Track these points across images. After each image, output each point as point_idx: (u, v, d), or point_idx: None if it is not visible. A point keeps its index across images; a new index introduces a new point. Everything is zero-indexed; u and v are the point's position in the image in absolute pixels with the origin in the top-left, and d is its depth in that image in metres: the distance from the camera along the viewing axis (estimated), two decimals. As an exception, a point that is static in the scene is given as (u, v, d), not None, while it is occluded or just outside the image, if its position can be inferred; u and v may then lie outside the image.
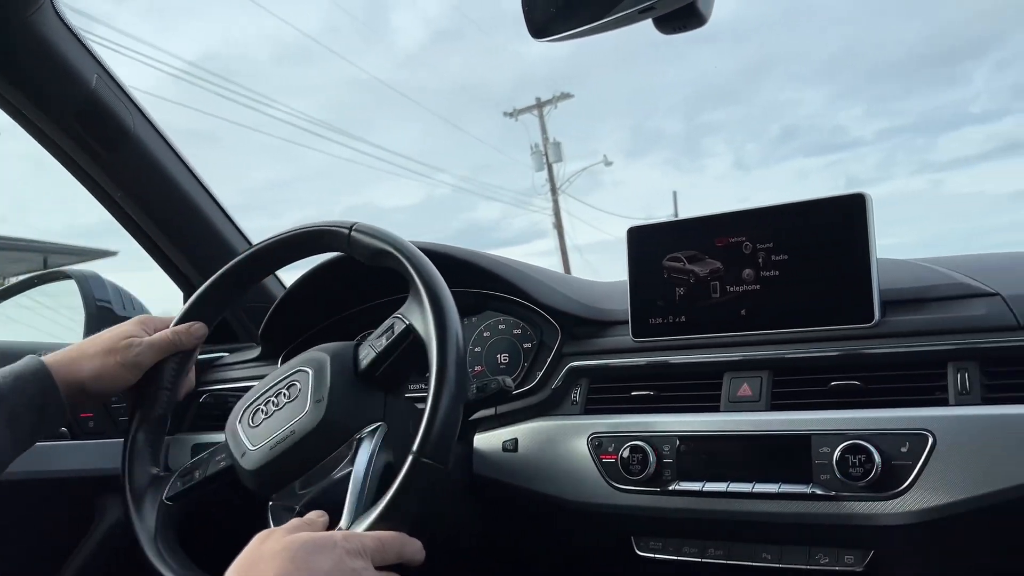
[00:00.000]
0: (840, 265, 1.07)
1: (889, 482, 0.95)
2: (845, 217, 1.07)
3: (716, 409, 1.11)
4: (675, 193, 25.32)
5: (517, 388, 1.29)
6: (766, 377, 1.09)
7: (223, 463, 1.09)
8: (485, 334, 1.41)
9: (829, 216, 1.08)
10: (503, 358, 1.38)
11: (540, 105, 21.60)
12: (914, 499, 0.94)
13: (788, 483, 1.01)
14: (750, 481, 1.03)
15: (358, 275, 1.27)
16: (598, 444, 1.15)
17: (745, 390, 1.10)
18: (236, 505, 1.09)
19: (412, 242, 1.09)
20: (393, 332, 1.02)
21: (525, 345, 1.36)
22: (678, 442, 1.09)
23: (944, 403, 0.97)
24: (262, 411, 1.04)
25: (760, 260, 1.13)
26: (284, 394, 1.03)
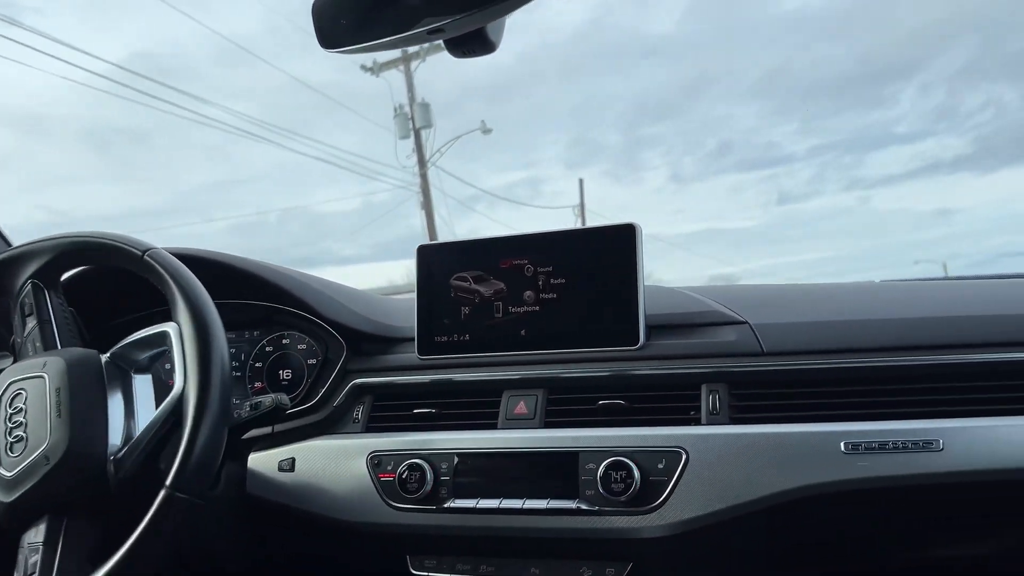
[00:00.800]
0: (611, 290, 1.13)
1: (647, 497, 1.01)
2: (617, 246, 1.13)
3: (494, 427, 1.13)
4: (581, 181, 23.10)
5: (299, 405, 1.26)
6: (541, 395, 1.13)
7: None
8: (268, 349, 1.36)
9: (603, 244, 1.14)
10: (286, 374, 1.34)
11: (407, 59, 19.02)
12: (669, 512, 1.00)
13: (556, 499, 1.04)
14: (522, 497, 1.06)
15: (125, 282, 1.19)
16: (377, 462, 1.14)
17: (521, 408, 1.13)
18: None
19: (191, 249, 1.05)
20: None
21: (310, 361, 1.32)
22: (456, 459, 1.10)
23: (697, 422, 1.05)
24: (18, 436, 0.95)
25: (540, 283, 1.17)
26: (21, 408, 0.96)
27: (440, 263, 1.23)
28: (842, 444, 0.97)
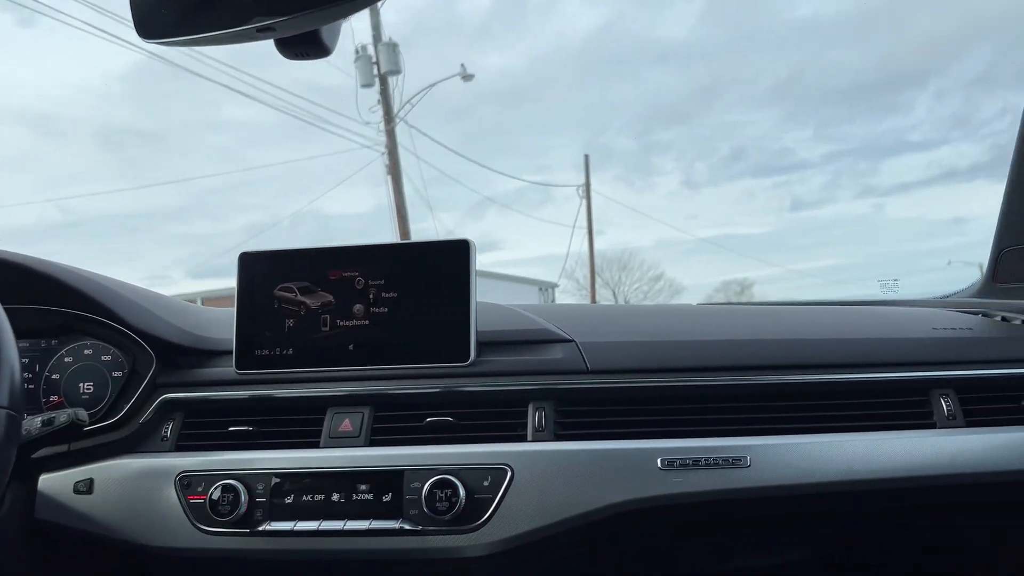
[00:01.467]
0: (443, 306, 1.12)
1: (472, 515, 1.00)
2: (450, 261, 1.12)
3: (316, 445, 1.09)
4: (587, 157, 21.06)
5: (100, 421, 1.15)
6: (368, 413, 1.10)
7: None
8: (67, 359, 1.23)
9: (437, 259, 1.13)
10: (87, 387, 1.22)
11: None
12: (492, 530, 1.00)
13: (379, 519, 1.01)
14: (343, 518, 1.02)
15: None
16: (187, 484, 1.06)
17: (346, 425, 1.09)
18: None
19: None
20: None
21: (114, 373, 1.22)
22: (274, 480, 1.05)
23: (524, 439, 1.05)
24: None
25: (371, 296, 1.14)
26: None
27: (264, 272, 1.17)
28: (659, 460, 1.00)
